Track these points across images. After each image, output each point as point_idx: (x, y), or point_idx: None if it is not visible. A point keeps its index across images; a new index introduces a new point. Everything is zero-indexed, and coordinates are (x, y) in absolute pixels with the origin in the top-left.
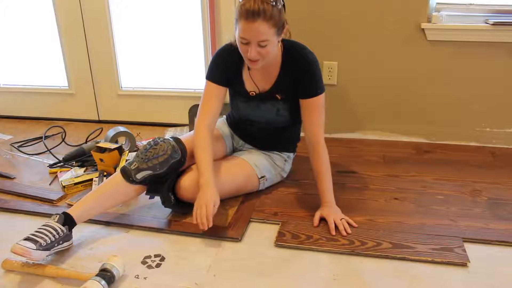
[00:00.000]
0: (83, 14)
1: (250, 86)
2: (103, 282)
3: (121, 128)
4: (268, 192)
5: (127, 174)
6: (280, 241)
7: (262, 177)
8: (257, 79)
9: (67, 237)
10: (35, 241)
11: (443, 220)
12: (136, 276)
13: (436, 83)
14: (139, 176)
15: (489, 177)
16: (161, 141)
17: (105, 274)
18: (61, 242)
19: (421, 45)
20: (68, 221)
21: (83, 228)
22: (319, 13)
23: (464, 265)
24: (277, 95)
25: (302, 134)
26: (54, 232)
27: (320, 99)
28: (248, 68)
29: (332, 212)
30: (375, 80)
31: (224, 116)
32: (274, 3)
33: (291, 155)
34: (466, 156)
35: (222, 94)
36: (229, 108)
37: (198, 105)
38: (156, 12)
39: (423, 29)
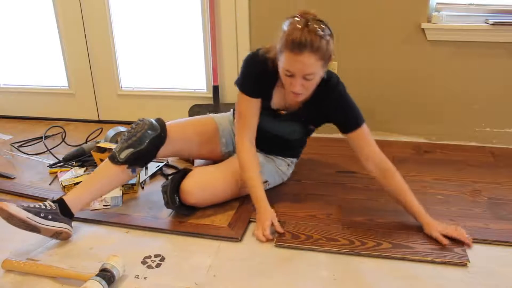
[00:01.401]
0: (83, 14)
1: (277, 102)
2: (103, 282)
3: (121, 128)
4: (268, 192)
5: (113, 157)
6: (280, 241)
7: (265, 181)
8: (287, 98)
9: (57, 215)
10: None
11: (443, 220)
12: (136, 276)
13: (436, 83)
14: (123, 155)
15: (489, 177)
16: (140, 121)
17: (105, 274)
18: (49, 217)
19: (421, 45)
20: (60, 203)
21: (83, 228)
22: (319, 13)
23: (464, 265)
24: (301, 118)
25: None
26: (40, 203)
27: (366, 126)
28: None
29: (445, 225)
30: (375, 80)
31: (232, 110)
32: (322, 33)
33: (295, 160)
34: (466, 156)
35: (258, 105)
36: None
37: (198, 105)
38: (156, 12)
39: (423, 29)
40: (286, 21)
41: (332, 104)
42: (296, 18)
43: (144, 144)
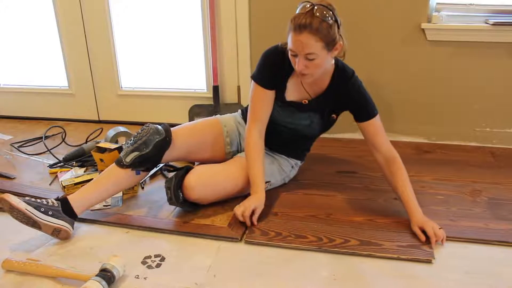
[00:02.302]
0: (83, 14)
1: (293, 94)
2: (103, 282)
3: (121, 128)
4: (268, 191)
5: (119, 161)
6: (250, 238)
7: (267, 182)
8: (302, 89)
9: (58, 213)
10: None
11: (443, 220)
12: (136, 276)
13: (436, 83)
14: (128, 159)
15: (489, 177)
16: (146, 126)
17: (105, 274)
18: (49, 213)
19: (421, 45)
20: (63, 202)
21: (83, 228)
22: None
23: (429, 261)
24: (317, 109)
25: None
26: (42, 200)
27: (378, 118)
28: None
29: (427, 220)
30: (375, 80)
31: (240, 111)
32: (325, 18)
33: (299, 162)
34: (466, 156)
35: (271, 97)
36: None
37: (198, 105)
38: (156, 12)
39: (423, 29)
40: (299, 6)
41: (349, 95)
42: (307, 5)
43: (149, 148)
